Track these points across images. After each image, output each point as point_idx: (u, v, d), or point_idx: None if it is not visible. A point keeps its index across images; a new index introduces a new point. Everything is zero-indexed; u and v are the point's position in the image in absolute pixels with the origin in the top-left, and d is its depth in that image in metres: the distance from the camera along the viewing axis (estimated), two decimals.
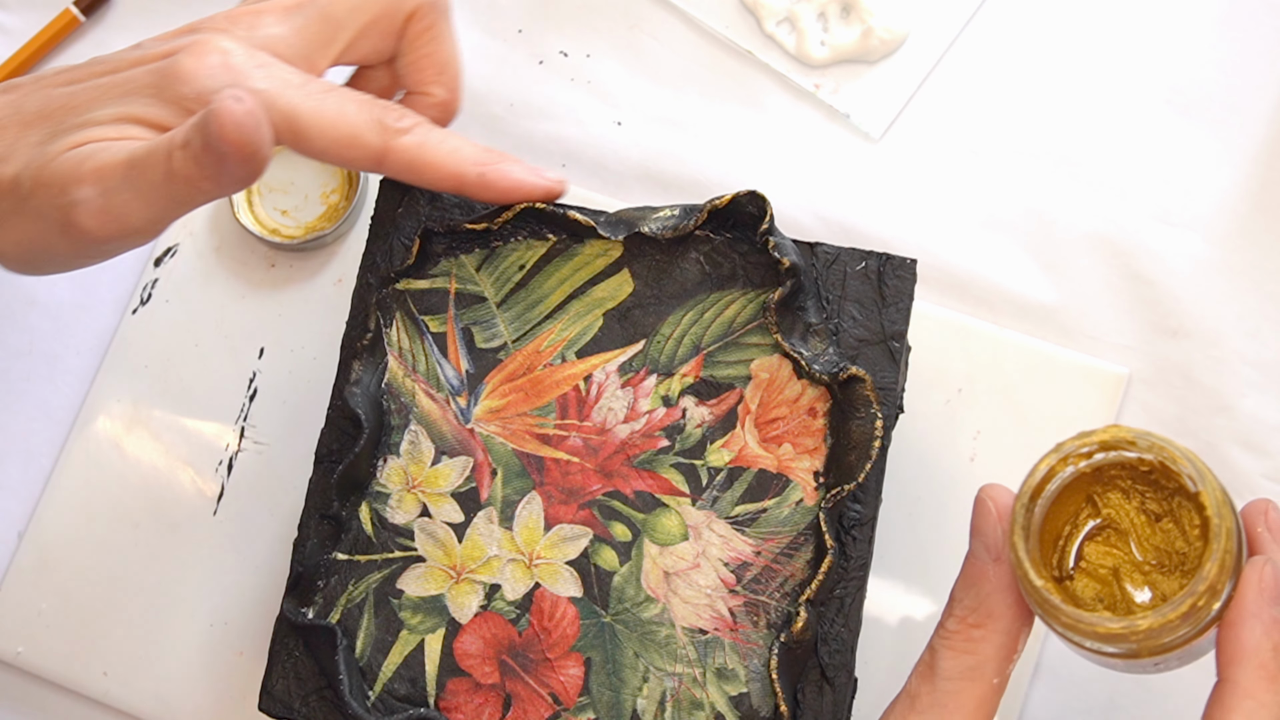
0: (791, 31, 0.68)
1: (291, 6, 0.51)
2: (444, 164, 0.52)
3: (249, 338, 0.67)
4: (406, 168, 0.52)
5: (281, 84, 0.49)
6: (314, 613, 0.55)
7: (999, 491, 0.48)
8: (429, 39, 0.53)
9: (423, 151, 0.52)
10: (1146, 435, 0.44)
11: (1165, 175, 0.65)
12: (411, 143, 0.51)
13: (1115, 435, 0.44)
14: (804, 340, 0.55)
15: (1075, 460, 0.45)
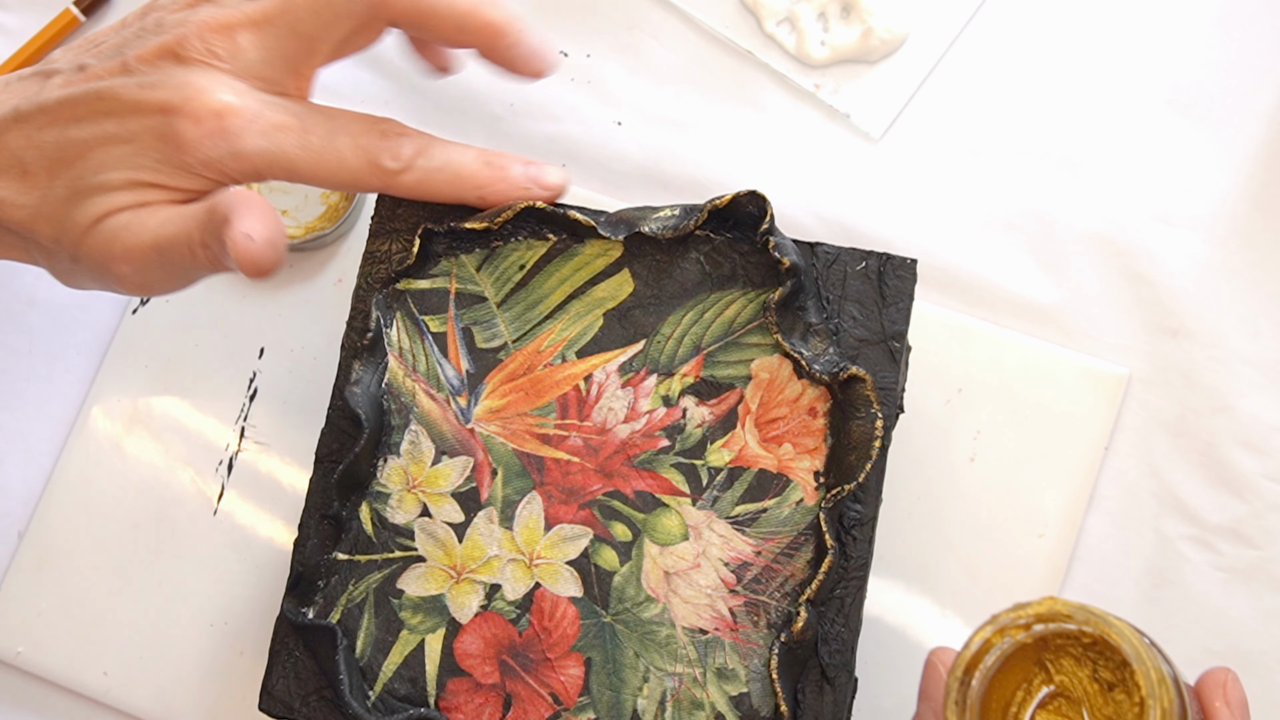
0: (791, 31, 0.68)
1: (261, 21, 0.49)
2: (444, 193, 0.53)
3: (249, 338, 0.67)
4: (409, 197, 0.54)
5: (278, 140, 0.49)
6: (314, 613, 0.55)
7: (949, 655, 0.47)
8: (425, 23, 0.51)
9: (422, 187, 0.52)
10: (1084, 609, 0.43)
11: (1165, 175, 0.65)
12: (410, 180, 0.51)
13: (1051, 609, 0.43)
14: (804, 340, 0.55)
15: (1013, 632, 0.44)
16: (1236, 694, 0.46)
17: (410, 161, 0.51)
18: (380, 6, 0.49)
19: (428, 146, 0.52)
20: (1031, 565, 0.61)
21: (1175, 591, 0.61)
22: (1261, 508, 0.62)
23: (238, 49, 0.49)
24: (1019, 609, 0.44)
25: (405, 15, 0.50)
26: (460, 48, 0.53)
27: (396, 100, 0.70)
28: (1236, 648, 0.61)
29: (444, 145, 0.53)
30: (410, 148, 0.51)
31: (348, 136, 0.50)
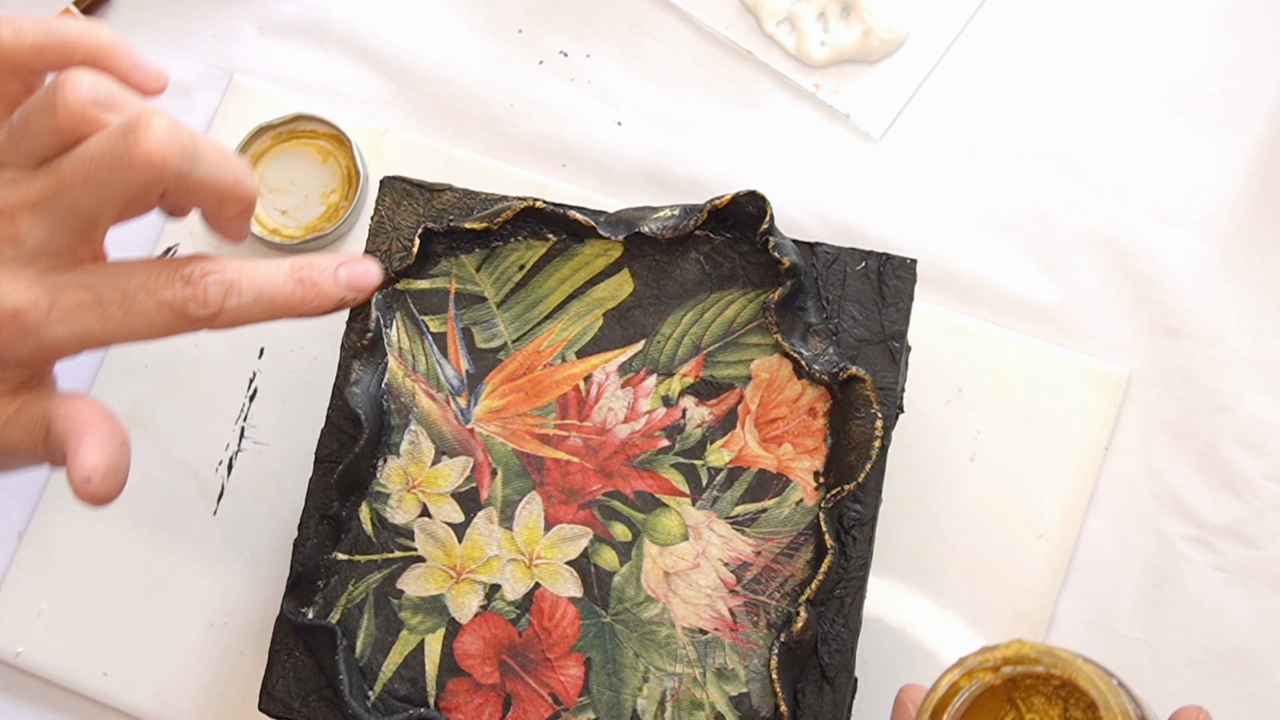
0: (791, 31, 0.68)
1: (39, 203, 0.48)
2: (263, 320, 0.51)
3: (249, 338, 0.67)
4: (227, 328, 0.52)
5: (80, 321, 0.48)
6: (314, 613, 0.55)
7: (918, 693, 0.47)
8: (194, 194, 0.50)
9: (238, 322, 0.50)
10: (1051, 653, 0.43)
11: (1165, 175, 0.65)
12: (225, 320, 0.50)
13: (1018, 652, 0.43)
14: (804, 340, 0.55)
15: (980, 675, 0.44)
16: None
17: (220, 304, 0.49)
18: (154, 185, 0.48)
19: (236, 282, 0.50)
20: (1031, 565, 0.61)
21: (1175, 591, 0.61)
22: (1261, 508, 0.61)
23: (19, 233, 0.48)
24: (986, 652, 0.44)
25: (176, 189, 0.49)
26: (220, 217, 0.53)
27: (396, 100, 0.70)
28: (1236, 648, 0.61)
29: (253, 274, 0.50)
30: (217, 292, 0.49)
31: (149, 295, 0.49)
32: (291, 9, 0.71)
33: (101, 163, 0.47)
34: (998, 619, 0.61)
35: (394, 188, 0.58)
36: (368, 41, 0.70)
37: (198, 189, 0.49)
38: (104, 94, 0.48)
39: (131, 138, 0.46)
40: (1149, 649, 0.61)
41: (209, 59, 0.71)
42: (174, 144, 0.47)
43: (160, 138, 0.47)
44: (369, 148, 0.68)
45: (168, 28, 0.72)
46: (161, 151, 0.47)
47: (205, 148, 0.49)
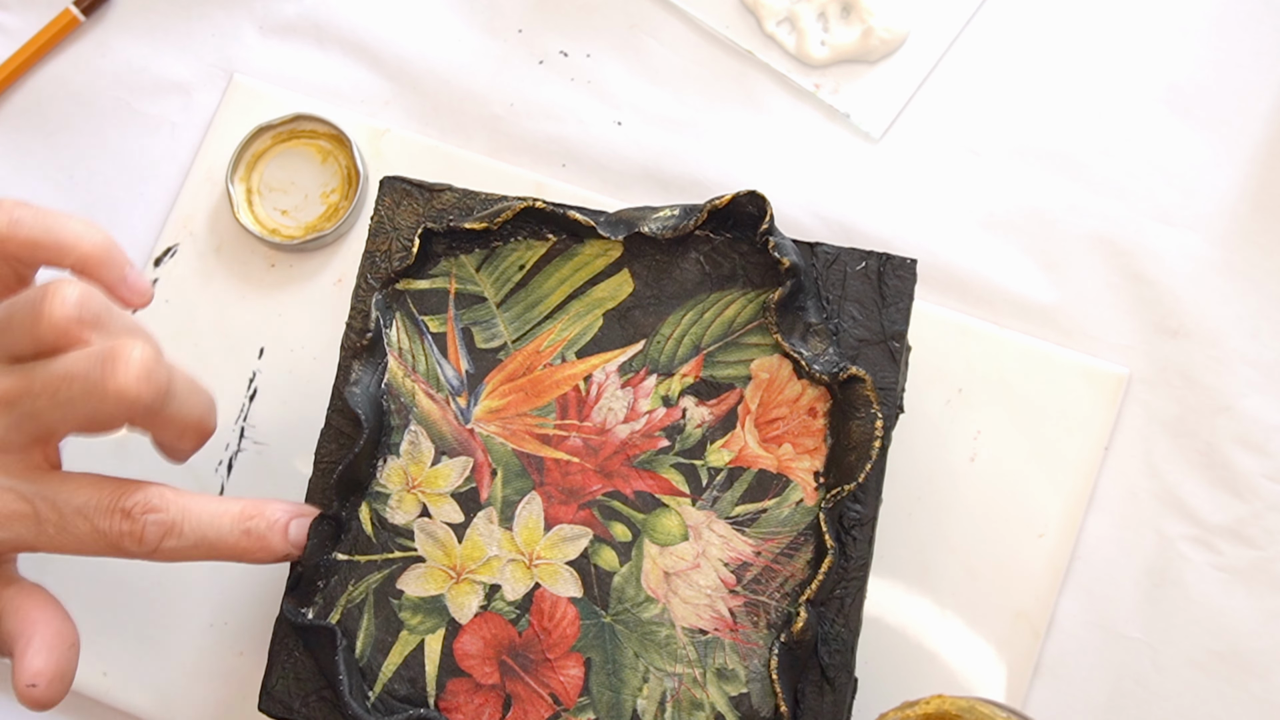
0: (791, 31, 0.68)
1: (1, 401, 0.48)
2: (202, 559, 0.51)
3: (249, 338, 0.67)
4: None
5: (15, 529, 0.48)
6: (314, 613, 0.55)
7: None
8: (158, 428, 0.49)
9: (175, 558, 0.50)
10: (974, 708, 0.42)
11: (1165, 175, 0.65)
12: (161, 558, 0.49)
13: (939, 707, 0.42)
14: (804, 340, 0.55)
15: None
16: None
17: (157, 544, 0.49)
18: (121, 416, 0.47)
19: (180, 525, 0.49)
20: (1031, 565, 0.61)
21: (1175, 591, 0.61)
22: (1261, 508, 0.61)
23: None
24: (907, 707, 0.43)
25: (142, 421, 0.49)
26: (174, 446, 0.52)
27: (397, 100, 0.70)
28: (1236, 648, 0.61)
29: (198, 517, 0.49)
30: (156, 531, 0.49)
31: (85, 520, 0.48)
32: (291, 9, 0.71)
33: (74, 384, 0.46)
34: (998, 619, 0.61)
35: (394, 188, 0.58)
36: (368, 41, 0.70)
37: (164, 424, 0.49)
38: (91, 312, 0.48)
39: (109, 367, 0.46)
40: (1149, 649, 0.61)
41: (209, 59, 0.71)
42: (150, 382, 0.47)
43: (137, 373, 0.46)
44: (369, 148, 0.68)
45: (168, 28, 0.72)
46: (136, 388, 0.46)
47: (180, 385, 0.49)
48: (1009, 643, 0.61)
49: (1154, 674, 0.61)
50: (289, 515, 0.52)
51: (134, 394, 0.46)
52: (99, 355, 0.46)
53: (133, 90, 0.71)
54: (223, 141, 0.69)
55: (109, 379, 0.46)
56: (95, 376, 0.46)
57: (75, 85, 0.71)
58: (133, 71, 0.71)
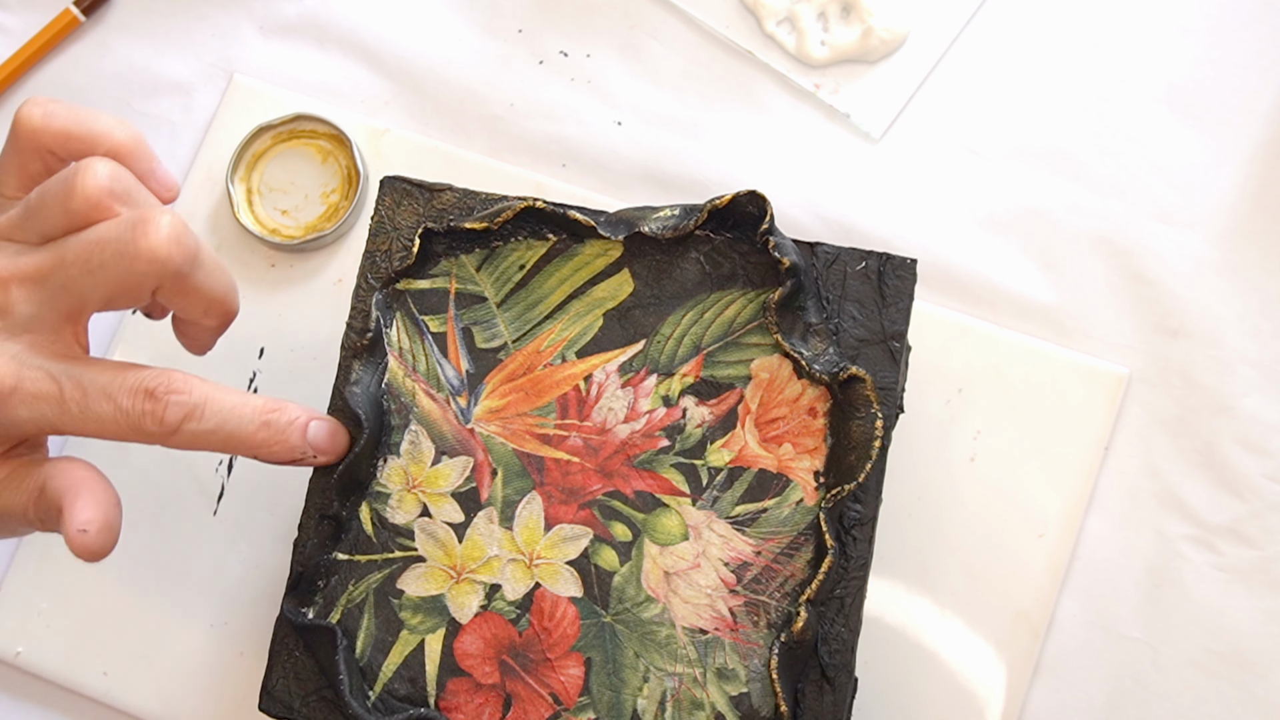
0: (791, 31, 0.68)
1: (34, 277, 0.49)
2: (217, 449, 0.51)
3: (249, 338, 0.67)
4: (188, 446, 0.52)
5: (39, 409, 0.49)
6: (314, 613, 0.55)
7: None
8: (185, 297, 0.50)
9: (192, 445, 0.50)
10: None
11: (1165, 175, 0.65)
12: (178, 441, 0.50)
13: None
14: (804, 340, 0.55)
15: None
16: None
17: (177, 426, 0.49)
18: (151, 278, 0.48)
19: (202, 408, 0.50)
20: (1031, 565, 0.61)
21: (1175, 591, 0.61)
22: (1261, 508, 0.62)
23: (9, 302, 0.49)
24: None
25: (170, 289, 0.50)
26: (198, 326, 0.54)
27: (396, 100, 0.70)
28: (1236, 648, 0.61)
29: (219, 403, 0.50)
30: (178, 412, 0.49)
31: (108, 401, 0.49)
32: (291, 9, 0.71)
33: (105, 248, 0.48)
34: (998, 619, 0.61)
35: (394, 187, 0.58)
36: (368, 41, 0.70)
37: (190, 293, 0.50)
38: (121, 186, 0.49)
39: (140, 229, 0.48)
40: (1149, 649, 0.61)
41: (209, 59, 0.71)
42: (179, 244, 0.48)
43: (167, 235, 0.48)
44: (369, 148, 0.68)
45: (168, 28, 0.72)
46: (166, 249, 0.48)
47: (206, 255, 0.50)
48: (1009, 643, 0.61)
49: (1154, 674, 0.61)
50: (309, 415, 0.53)
51: (165, 254, 0.48)
52: (130, 220, 0.48)
53: (133, 90, 0.71)
54: (223, 141, 0.69)
55: (140, 239, 0.47)
56: (127, 238, 0.48)
57: (75, 85, 0.71)
58: (133, 71, 0.71)
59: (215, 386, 0.51)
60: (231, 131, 0.69)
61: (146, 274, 0.48)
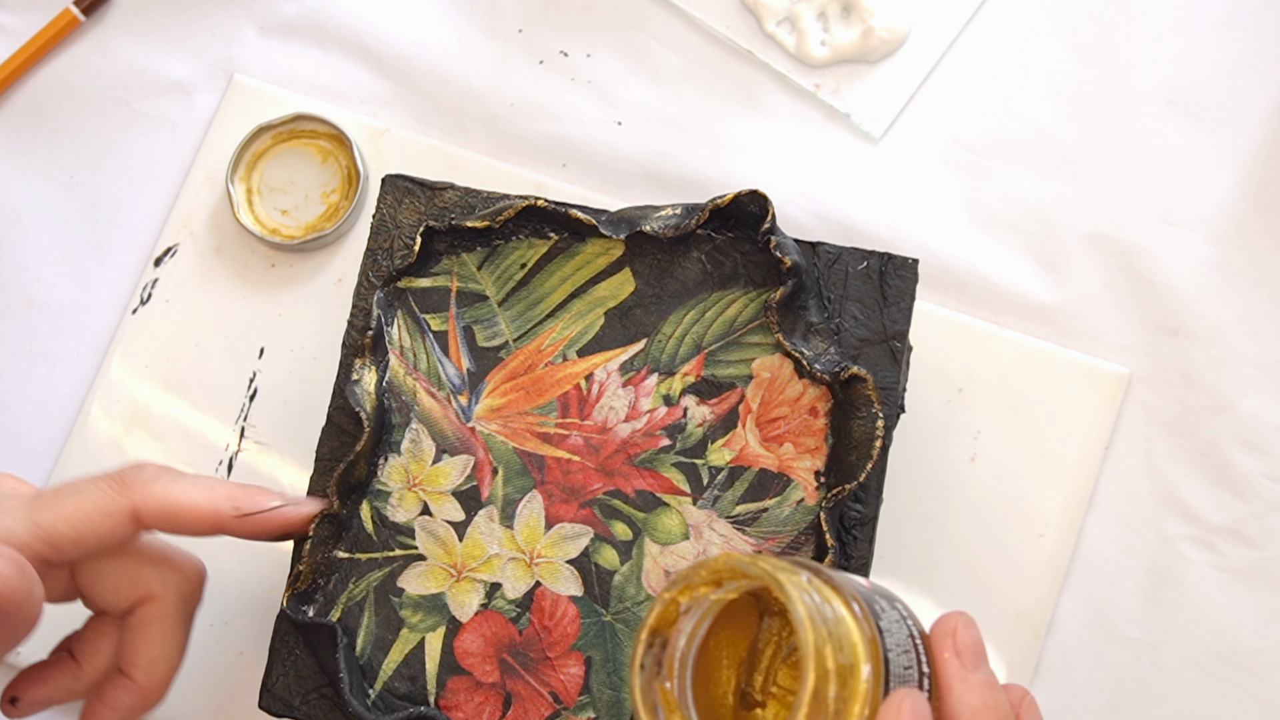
0: (791, 31, 0.68)
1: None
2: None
3: (249, 338, 0.67)
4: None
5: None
6: (314, 611, 0.55)
7: (946, 623, 0.45)
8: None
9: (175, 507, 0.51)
10: (756, 563, 0.40)
11: (1165, 175, 0.65)
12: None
13: (727, 563, 0.40)
14: (805, 340, 0.55)
15: (701, 589, 0.42)
16: (968, 641, 0.42)
17: (155, 477, 0.51)
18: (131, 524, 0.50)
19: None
20: (1031, 565, 0.61)
21: (1175, 591, 0.61)
22: (1261, 508, 0.62)
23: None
24: (698, 565, 0.41)
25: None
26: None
27: (396, 100, 0.70)
28: (1236, 648, 0.61)
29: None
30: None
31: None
32: (291, 9, 0.71)
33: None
34: (998, 619, 0.61)
35: (396, 186, 0.58)
36: (368, 41, 0.70)
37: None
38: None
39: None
40: (1149, 649, 0.61)
41: (209, 59, 0.71)
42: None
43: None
44: (369, 148, 0.68)
45: (168, 28, 0.72)
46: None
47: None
48: (1009, 643, 0.61)
49: (1154, 674, 0.61)
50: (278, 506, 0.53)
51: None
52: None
53: (133, 90, 0.71)
54: (223, 141, 0.69)
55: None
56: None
57: (75, 85, 0.71)
58: (133, 71, 0.71)
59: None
60: (231, 131, 0.69)
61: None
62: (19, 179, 0.70)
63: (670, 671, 0.42)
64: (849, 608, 0.40)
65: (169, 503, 0.50)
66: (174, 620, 0.52)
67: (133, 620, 0.52)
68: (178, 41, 0.71)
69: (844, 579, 0.42)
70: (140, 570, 0.52)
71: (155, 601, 0.52)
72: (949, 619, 0.43)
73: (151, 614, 0.52)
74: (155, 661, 0.52)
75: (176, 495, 0.51)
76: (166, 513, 0.50)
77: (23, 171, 0.70)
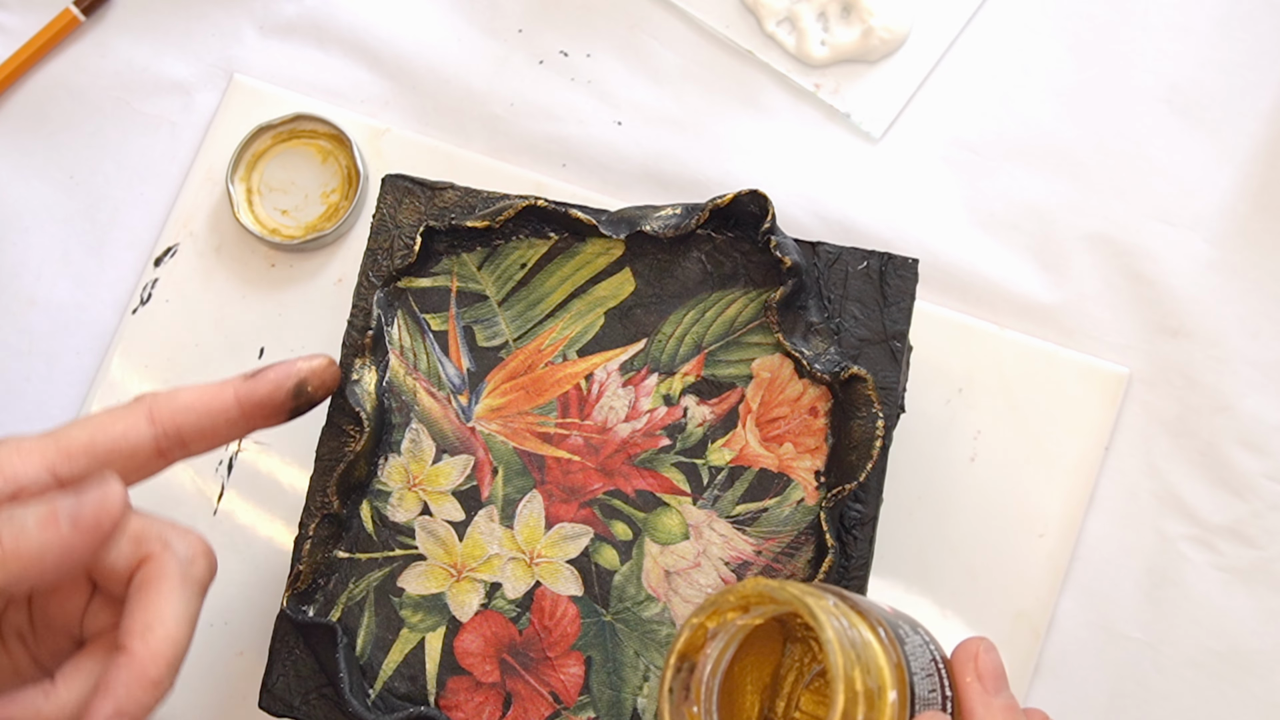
0: (791, 31, 0.68)
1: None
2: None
3: (249, 338, 0.67)
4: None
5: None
6: (314, 610, 0.55)
7: (967, 650, 0.45)
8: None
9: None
10: (785, 588, 0.41)
11: (1165, 175, 0.65)
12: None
13: (756, 589, 0.41)
14: (805, 339, 0.55)
15: (729, 614, 0.42)
16: (989, 665, 0.43)
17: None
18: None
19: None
20: (1031, 565, 0.61)
21: (1175, 591, 0.61)
22: (1261, 508, 0.62)
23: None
24: (726, 591, 0.42)
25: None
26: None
27: (396, 100, 0.70)
28: (1236, 648, 0.61)
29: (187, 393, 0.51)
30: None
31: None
32: (291, 9, 0.71)
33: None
34: (998, 619, 0.61)
35: (396, 186, 0.58)
36: (368, 41, 0.70)
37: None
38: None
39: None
40: (1149, 649, 0.61)
41: (209, 59, 0.71)
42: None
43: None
44: (369, 148, 0.68)
45: (168, 28, 0.72)
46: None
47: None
48: (1009, 643, 0.61)
49: (1154, 674, 0.61)
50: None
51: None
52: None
53: (133, 90, 0.71)
54: (223, 141, 0.69)
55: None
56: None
57: (75, 85, 0.71)
58: (133, 71, 0.71)
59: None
60: (231, 131, 0.69)
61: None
62: (19, 179, 0.70)
63: (697, 696, 0.43)
64: (874, 632, 0.41)
65: (178, 396, 0.50)
66: (174, 581, 0.48)
67: (132, 586, 0.48)
68: (178, 41, 0.71)
69: (868, 604, 0.43)
70: (142, 527, 0.49)
71: (154, 560, 0.48)
72: (970, 644, 0.44)
73: (150, 573, 0.48)
74: (151, 625, 0.47)
75: (184, 390, 0.50)
76: (178, 406, 0.50)
77: (23, 171, 0.70)
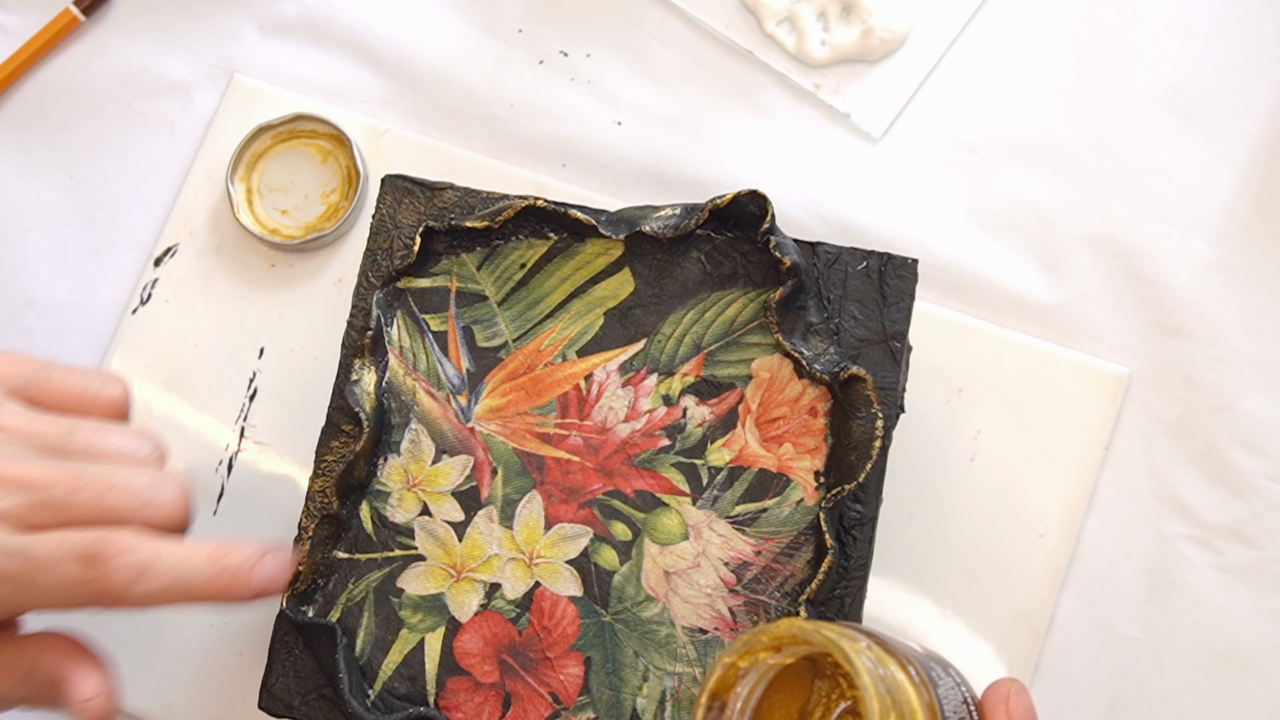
0: (791, 31, 0.68)
1: (32, 485, 0.47)
2: (175, 602, 0.49)
3: (249, 338, 0.67)
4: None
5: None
6: (314, 611, 0.55)
7: (998, 692, 0.45)
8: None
9: (151, 597, 0.48)
10: (819, 630, 0.41)
11: (1165, 175, 0.65)
12: (133, 603, 0.48)
13: (789, 630, 0.42)
14: (805, 340, 0.55)
15: (762, 654, 0.43)
16: (1019, 708, 0.44)
17: (127, 589, 0.47)
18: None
19: (150, 565, 0.47)
20: (1031, 565, 0.61)
21: (1175, 591, 0.61)
22: (1261, 508, 0.62)
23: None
24: (759, 631, 0.43)
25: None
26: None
27: (396, 100, 0.70)
28: (1236, 648, 0.61)
29: (168, 559, 0.47)
30: (125, 575, 0.47)
31: (50, 573, 0.47)
32: (291, 9, 0.71)
33: (119, 494, 0.48)
34: (998, 619, 0.61)
35: (395, 186, 0.58)
36: (368, 41, 0.70)
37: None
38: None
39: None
40: (1149, 649, 0.61)
41: (209, 59, 0.71)
42: (190, 506, 0.50)
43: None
44: (369, 148, 0.68)
45: (168, 28, 0.72)
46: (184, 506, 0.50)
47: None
48: (1009, 643, 0.61)
49: (1154, 674, 0.61)
50: (260, 551, 0.50)
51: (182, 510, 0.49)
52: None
53: (133, 90, 0.71)
54: (223, 141, 0.69)
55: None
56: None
57: (75, 85, 0.71)
58: (133, 71, 0.71)
59: (162, 539, 0.48)
60: (231, 131, 0.69)
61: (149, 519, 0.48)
62: (19, 179, 0.70)
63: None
64: (906, 673, 0.42)
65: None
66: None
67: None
68: (177, 41, 0.71)
69: (899, 644, 0.43)
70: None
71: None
72: (1002, 685, 0.44)
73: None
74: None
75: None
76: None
77: (23, 171, 0.70)
